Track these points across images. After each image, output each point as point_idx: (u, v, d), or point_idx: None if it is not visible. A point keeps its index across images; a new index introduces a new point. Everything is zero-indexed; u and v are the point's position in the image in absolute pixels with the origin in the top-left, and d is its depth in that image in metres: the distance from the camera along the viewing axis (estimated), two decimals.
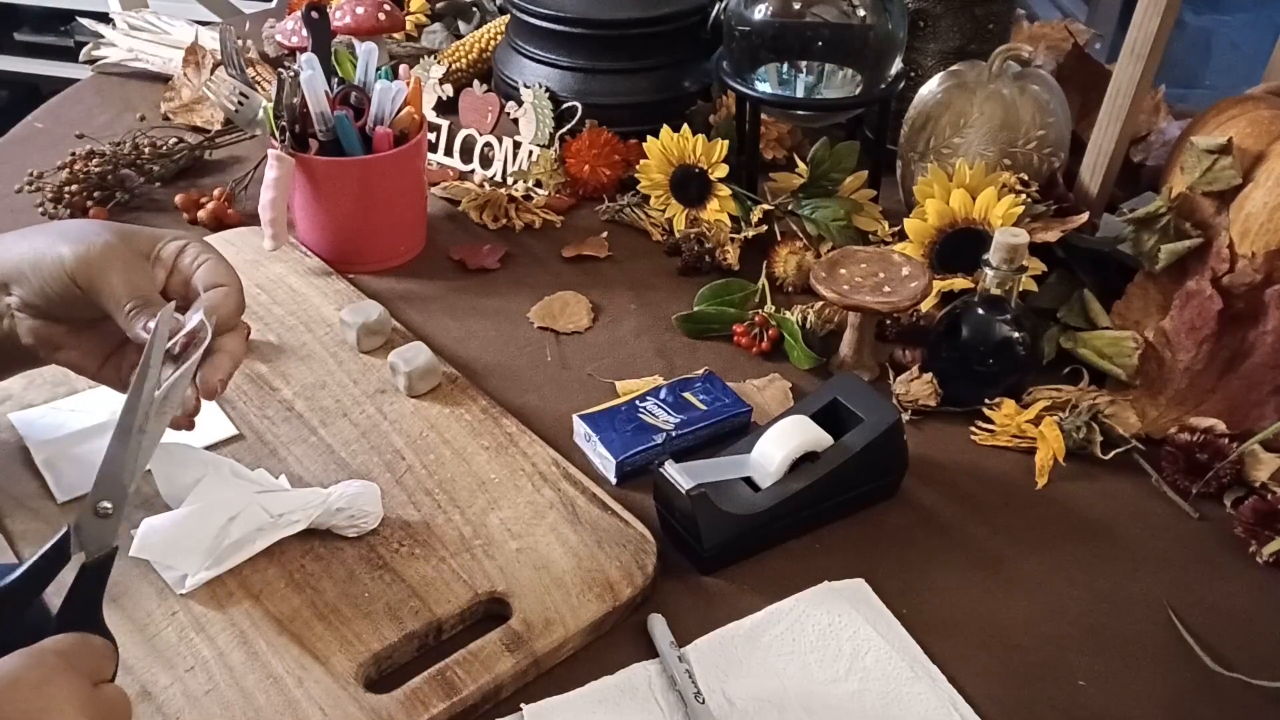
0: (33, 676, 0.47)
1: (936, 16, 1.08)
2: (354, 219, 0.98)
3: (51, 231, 0.65)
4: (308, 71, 0.93)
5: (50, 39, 2.78)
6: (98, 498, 0.55)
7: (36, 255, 0.63)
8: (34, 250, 0.64)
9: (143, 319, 0.62)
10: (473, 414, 0.81)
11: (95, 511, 0.55)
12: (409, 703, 0.60)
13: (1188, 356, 0.83)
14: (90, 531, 0.54)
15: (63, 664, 0.49)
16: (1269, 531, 0.73)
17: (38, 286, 0.64)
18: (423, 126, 1.00)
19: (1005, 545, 0.74)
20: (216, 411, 0.80)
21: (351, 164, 0.95)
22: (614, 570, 0.69)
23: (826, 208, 0.99)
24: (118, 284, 0.62)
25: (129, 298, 0.62)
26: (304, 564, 0.69)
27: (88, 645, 0.51)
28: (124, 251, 0.64)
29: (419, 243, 1.03)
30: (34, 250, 0.64)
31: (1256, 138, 0.84)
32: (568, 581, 0.68)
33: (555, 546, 0.70)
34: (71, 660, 0.49)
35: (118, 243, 0.64)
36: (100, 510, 0.55)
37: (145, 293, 0.63)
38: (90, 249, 0.63)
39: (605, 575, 0.68)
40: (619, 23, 1.11)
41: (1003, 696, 0.64)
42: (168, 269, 0.66)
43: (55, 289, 0.63)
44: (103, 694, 0.50)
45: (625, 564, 0.69)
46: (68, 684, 0.48)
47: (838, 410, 0.76)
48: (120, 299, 0.62)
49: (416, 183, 1.01)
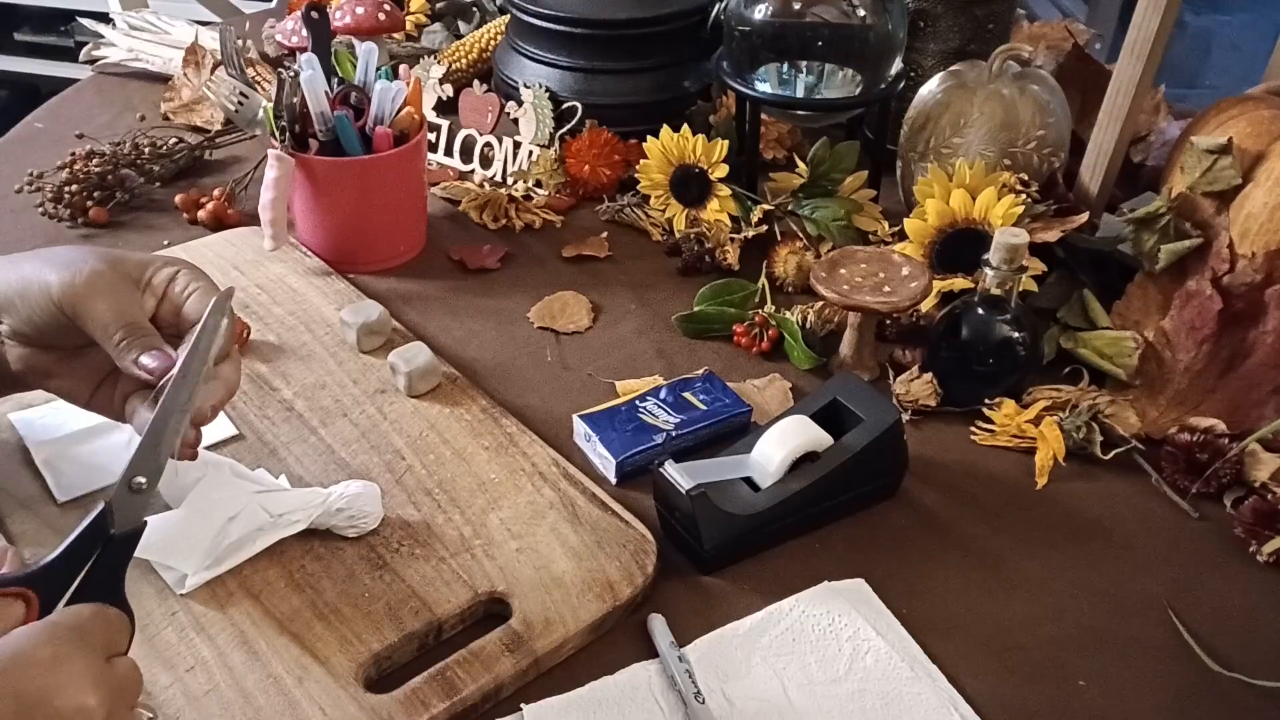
0: (45, 654, 0.47)
1: (936, 16, 1.08)
2: (354, 219, 0.98)
3: (40, 258, 0.64)
4: (308, 71, 0.93)
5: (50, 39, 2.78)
6: (133, 473, 0.55)
7: (24, 283, 0.63)
8: (21, 278, 0.63)
9: (133, 352, 0.61)
10: (473, 414, 0.81)
11: (130, 487, 0.55)
12: (409, 703, 0.60)
13: (1188, 356, 0.83)
14: (124, 506, 0.55)
15: (75, 639, 0.49)
16: (1269, 531, 0.73)
17: (25, 315, 0.63)
18: (423, 126, 1.00)
19: (1005, 545, 0.74)
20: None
21: (351, 164, 0.95)
22: (614, 570, 0.69)
23: (826, 208, 0.99)
24: (105, 311, 0.61)
25: (117, 326, 0.61)
26: (304, 564, 0.69)
27: (102, 618, 0.51)
28: (112, 278, 0.63)
29: (419, 243, 1.04)
30: (21, 278, 0.63)
31: (1256, 138, 0.84)
32: (568, 581, 0.68)
33: (555, 546, 0.70)
34: (84, 635, 0.49)
35: (106, 269, 0.63)
36: (135, 485, 0.55)
37: (134, 319, 0.62)
38: (76, 276, 0.62)
39: (605, 575, 0.68)
40: (619, 23, 1.11)
41: (1003, 696, 0.64)
42: (158, 297, 0.65)
43: (42, 317, 0.63)
44: (115, 668, 0.50)
45: (625, 564, 0.69)
46: (81, 661, 0.48)
47: (838, 410, 0.76)
48: (109, 327, 0.61)
49: (416, 183, 1.01)
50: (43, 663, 0.47)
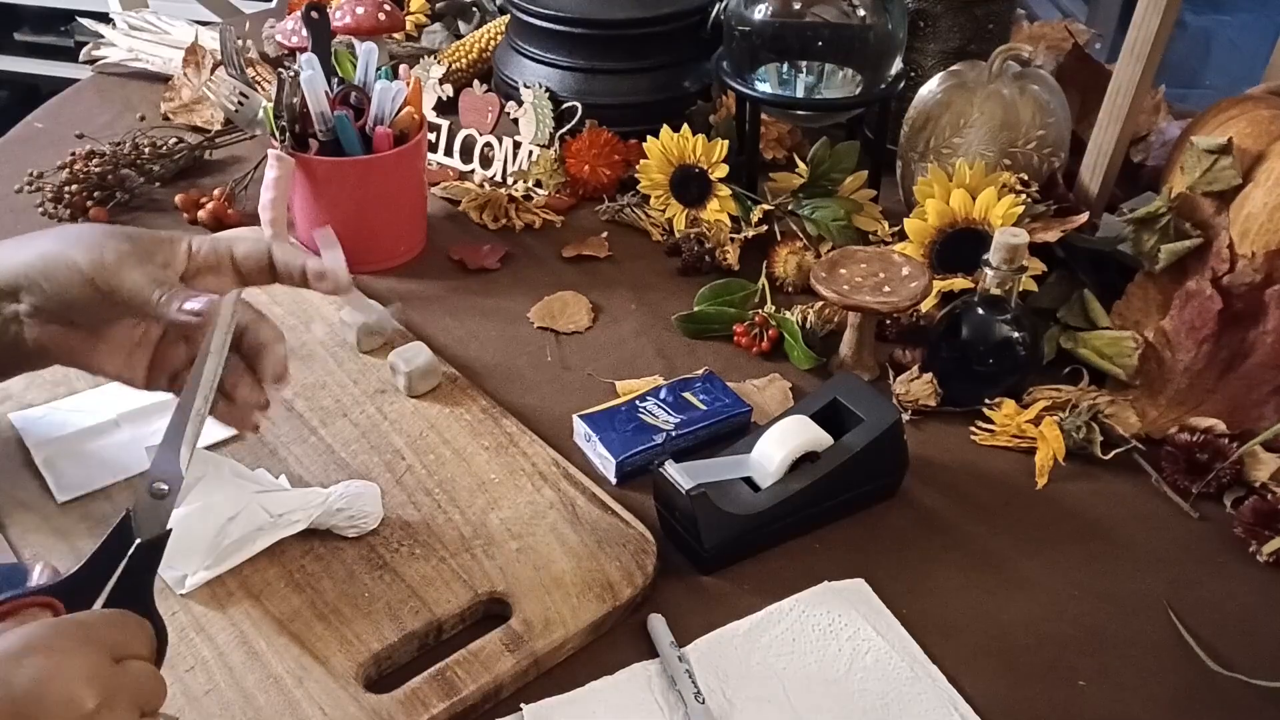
0: (43, 643, 0.48)
1: (936, 16, 1.08)
2: (354, 219, 0.97)
3: (54, 237, 0.65)
4: (308, 71, 0.93)
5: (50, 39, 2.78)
6: (154, 478, 0.55)
7: (46, 263, 0.64)
8: (42, 258, 0.64)
9: (175, 301, 0.62)
10: (473, 414, 0.81)
11: (151, 492, 0.55)
12: (409, 703, 0.60)
13: (1188, 356, 0.83)
14: (146, 512, 0.54)
15: (80, 634, 0.49)
16: (1269, 531, 0.73)
17: (52, 293, 0.64)
18: (423, 127, 1.00)
19: (1005, 545, 0.74)
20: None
21: (351, 164, 0.95)
22: (614, 570, 0.69)
23: (826, 208, 0.99)
24: (140, 278, 0.63)
25: (154, 288, 0.63)
26: (304, 564, 0.69)
27: (114, 619, 0.51)
28: (137, 252, 0.64)
29: (419, 243, 1.03)
30: (42, 258, 0.64)
31: (1256, 138, 0.84)
32: (568, 581, 0.68)
33: (555, 546, 0.70)
34: (90, 631, 0.49)
35: (130, 247, 0.65)
36: (156, 491, 0.55)
37: (167, 280, 0.64)
38: (106, 254, 0.63)
39: (605, 575, 0.68)
40: (619, 23, 1.11)
41: (1003, 696, 0.64)
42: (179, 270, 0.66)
43: (72, 295, 0.63)
44: (123, 669, 0.50)
45: (625, 564, 0.69)
46: (80, 656, 0.48)
47: (838, 410, 0.76)
48: (144, 289, 0.63)
49: (416, 183, 1.01)
50: (38, 653, 0.47)
